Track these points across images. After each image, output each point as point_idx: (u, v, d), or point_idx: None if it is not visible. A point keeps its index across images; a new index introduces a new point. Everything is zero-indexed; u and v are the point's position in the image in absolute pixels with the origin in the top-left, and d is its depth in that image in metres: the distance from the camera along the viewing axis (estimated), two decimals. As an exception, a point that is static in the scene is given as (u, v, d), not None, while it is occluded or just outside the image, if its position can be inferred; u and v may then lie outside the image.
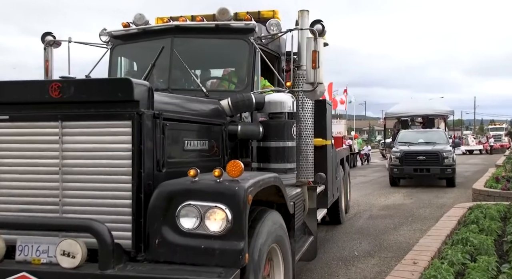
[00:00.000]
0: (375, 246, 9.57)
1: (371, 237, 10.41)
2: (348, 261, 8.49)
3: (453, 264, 6.01)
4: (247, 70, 6.30)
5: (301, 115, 7.04)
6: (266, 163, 5.92)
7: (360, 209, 14.33)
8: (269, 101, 5.91)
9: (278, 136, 5.88)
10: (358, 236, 10.52)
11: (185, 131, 5.04)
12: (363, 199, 16.45)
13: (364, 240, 10.11)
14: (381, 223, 11.95)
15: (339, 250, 9.30)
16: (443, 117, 29.20)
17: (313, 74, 5.99)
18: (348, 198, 13.19)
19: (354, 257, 8.74)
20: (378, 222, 12.17)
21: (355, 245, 9.72)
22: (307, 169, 7.08)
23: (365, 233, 10.80)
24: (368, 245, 9.65)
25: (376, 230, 11.18)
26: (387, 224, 11.84)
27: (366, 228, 11.46)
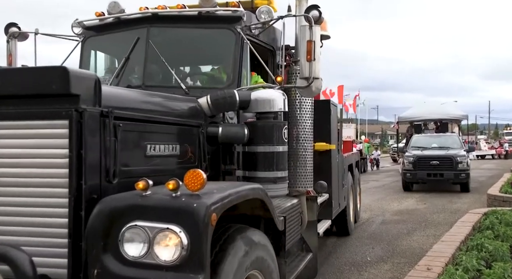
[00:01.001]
0: (388, 252, 9.10)
1: (384, 242, 9.91)
2: (361, 266, 8.07)
3: (467, 271, 5.79)
4: (233, 64, 5.21)
5: (298, 116, 5.96)
6: (252, 171, 4.83)
7: (373, 214, 13.64)
8: (255, 98, 4.83)
9: (265, 139, 4.80)
10: (371, 241, 10.01)
11: (148, 134, 3.99)
12: (375, 204, 15.67)
13: (376, 245, 9.60)
14: (394, 228, 11.38)
15: (351, 255, 8.83)
16: (457, 121, 27.87)
17: (308, 67, 4.91)
18: (357, 207, 11.94)
19: (367, 263, 8.31)
20: (391, 227, 11.60)
21: (368, 250, 9.22)
22: (305, 177, 5.99)
23: (378, 238, 10.28)
24: (381, 251, 9.19)
25: (389, 235, 10.63)
26: (400, 229, 11.25)
27: (378, 233, 10.90)
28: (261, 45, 5.73)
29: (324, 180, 7.15)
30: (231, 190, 3.57)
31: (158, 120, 4.10)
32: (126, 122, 3.68)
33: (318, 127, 7.27)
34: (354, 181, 11.09)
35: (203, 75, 5.77)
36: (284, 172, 4.93)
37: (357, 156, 12.24)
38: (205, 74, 5.77)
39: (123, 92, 4.14)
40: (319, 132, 7.36)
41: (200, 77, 5.73)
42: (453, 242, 7.39)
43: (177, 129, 4.34)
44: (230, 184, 3.95)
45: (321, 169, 7.48)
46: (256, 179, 4.78)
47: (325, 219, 7.67)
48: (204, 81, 5.65)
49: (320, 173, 7.25)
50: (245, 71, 5.31)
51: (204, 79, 5.67)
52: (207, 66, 5.86)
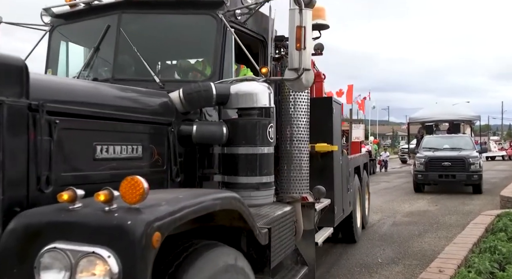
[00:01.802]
0: (399, 253, 8.70)
1: (395, 244, 9.48)
2: (372, 268, 7.73)
3: (480, 273, 5.63)
4: (214, 54, 4.40)
5: (292, 114, 5.16)
6: (232, 175, 4.02)
7: (384, 215, 13.06)
8: (236, 92, 4.02)
9: (247, 139, 3.98)
10: (382, 242, 9.57)
11: (97, 132, 3.19)
12: (386, 205, 14.97)
13: (388, 247, 9.19)
14: (405, 230, 10.88)
15: (362, 256, 8.45)
16: (469, 122, 26.76)
17: (298, 57, 4.10)
18: (366, 212, 10.92)
19: (378, 264, 7.96)
20: (402, 228, 11.10)
21: (379, 252, 8.83)
22: (300, 181, 5.18)
23: (389, 240, 9.82)
24: (392, 252, 8.79)
25: (400, 237, 10.16)
26: (412, 231, 10.75)
27: (390, 234, 10.42)
28: (250, 35, 4.92)
29: (326, 184, 6.38)
30: (188, 201, 2.77)
31: (112, 116, 3.31)
32: (65, 118, 2.91)
33: (319, 126, 6.49)
34: (361, 185, 10.15)
35: (181, 67, 4.96)
36: (269, 177, 4.10)
37: (366, 157, 11.27)
38: (183, 66, 4.96)
39: (61, 82, 3.35)
40: (320, 132, 6.57)
41: (178, 69, 4.93)
42: (466, 244, 7.14)
43: (139, 127, 3.54)
44: (192, 193, 3.14)
45: (323, 172, 6.68)
46: (236, 185, 3.98)
47: (326, 226, 6.80)
48: (181, 74, 4.85)
49: (321, 177, 6.49)
50: (229, 63, 4.51)
51: (182, 72, 4.87)
52: (186, 57, 5.03)
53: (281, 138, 5.22)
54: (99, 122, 3.20)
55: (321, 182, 6.30)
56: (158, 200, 2.58)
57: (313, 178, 6.24)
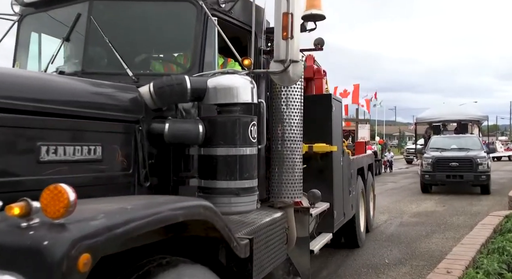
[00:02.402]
0: (407, 254, 8.39)
1: (402, 244, 9.14)
2: (379, 269, 7.46)
3: (488, 274, 5.48)
4: (194, 45, 3.85)
5: (284, 111, 4.61)
6: (209, 180, 3.46)
7: (391, 216, 12.60)
8: (214, 86, 3.46)
9: (225, 139, 3.42)
10: (389, 243, 9.22)
11: (43, 131, 2.65)
12: (393, 206, 14.44)
13: (395, 248, 8.87)
14: (413, 231, 10.50)
15: (369, 257, 8.15)
16: (476, 122, 25.96)
17: (284, 47, 3.56)
18: (370, 215, 10.18)
19: (385, 265, 7.68)
20: (409, 229, 10.71)
21: (386, 252, 8.51)
22: (293, 184, 4.63)
23: (396, 241, 9.46)
24: (399, 253, 8.48)
25: (407, 237, 9.79)
26: (419, 232, 10.37)
27: (397, 235, 10.03)
28: (236, 25, 4.37)
29: (325, 187, 5.84)
30: (137, 212, 2.23)
31: (62, 113, 2.78)
32: (0, 115, 2.39)
33: (317, 125, 5.94)
34: (366, 187, 9.44)
35: (157, 59, 4.41)
36: (252, 181, 3.53)
37: (370, 158, 10.51)
38: (162, 59, 4.41)
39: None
40: (318, 132, 6.03)
41: (154, 61, 4.38)
42: (474, 245, 6.91)
43: (99, 125, 2.99)
44: (147, 202, 2.59)
45: (321, 175, 6.12)
46: (214, 191, 3.43)
47: (325, 232, 6.22)
48: (156, 66, 4.31)
49: (319, 179, 5.95)
50: (212, 55, 3.97)
51: (157, 64, 4.33)
52: (164, 48, 4.47)
53: (272, 138, 4.68)
54: (45, 119, 2.66)
55: (320, 185, 5.77)
56: (95, 212, 2.04)
57: (311, 180, 5.73)
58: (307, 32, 5.01)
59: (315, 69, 7.19)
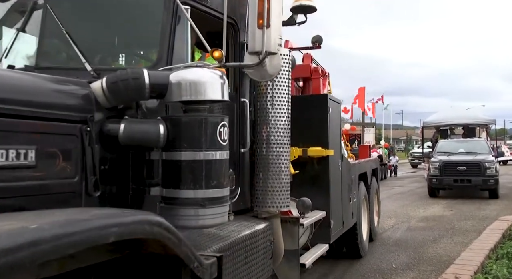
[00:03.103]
0: (414, 259, 8.08)
1: (409, 249, 8.78)
2: (386, 273, 7.20)
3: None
4: (162, 36, 3.28)
5: (269, 111, 4.02)
6: (171, 189, 2.88)
7: (398, 220, 12.14)
8: (177, 81, 2.86)
9: (189, 142, 2.83)
10: (396, 248, 8.87)
11: None
12: (401, 210, 13.90)
13: (402, 252, 8.53)
14: (420, 235, 10.08)
15: (376, 262, 7.85)
16: (484, 126, 25.06)
17: (260, 37, 2.99)
18: (374, 224, 9.35)
19: (392, 270, 7.40)
20: (416, 234, 10.29)
21: (393, 257, 8.19)
22: (280, 192, 4.03)
23: (403, 245, 9.10)
24: (407, 258, 8.18)
25: (414, 242, 9.41)
26: (426, 236, 9.96)
27: (404, 240, 9.66)
28: (215, 16, 3.80)
29: (321, 193, 5.27)
30: (44, 232, 1.66)
31: None
32: None
33: (313, 128, 5.37)
34: (369, 193, 8.69)
35: (122, 52, 3.83)
36: (221, 190, 2.93)
37: (375, 163, 9.72)
38: (125, 51, 3.82)
39: None
40: (313, 135, 5.46)
41: (117, 54, 3.79)
42: (482, 250, 6.80)
43: (31, 125, 2.43)
44: (69, 219, 2.00)
45: (317, 181, 5.54)
46: (176, 201, 2.85)
47: (321, 243, 5.58)
48: (118, 60, 3.73)
49: (315, 186, 5.38)
50: (183, 48, 3.39)
51: (120, 57, 3.75)
52: (129, 41, 3.86)
53: (256, 141, 4.09)
54: None
55: (315, 192, 5.21)
56: None
57: (306, 187, 5.18)
58: (297, 25, 4.45)
59: (313, 68, 6.60)
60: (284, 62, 4.00)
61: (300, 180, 5.51)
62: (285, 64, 4.02)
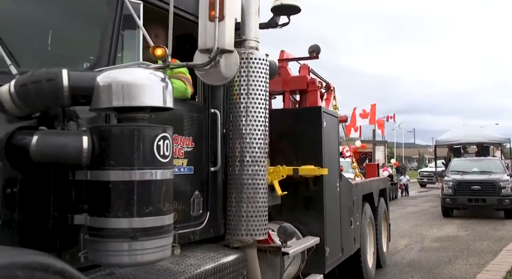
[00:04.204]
0: None
1: (423, 270, 8.21)
2: None
3: None
4: (103, 33, 2.62)
5: (243, 123, 3.31)
6: (95, 216, 2.17)
7: (412, 240, 11.40)
8: (106, 84, 2.17)
9: (117, 158, 2.14)
10: (410, 269, 8.31)
11: None
12: (414, 230, 13.09)
13: (416, 274, 7.99)
14: (434, 256, 9.43)
15: None
16: (498, 145, 23.91)
17: (212, 31, 2.31)
18: (382, 248, 8.07)
19: None
20: (430, 254, 9.61)
21: (407, 278, 7.72)
22: (256, 217, 3.29)
23: (417, 266, 8.51)
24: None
25: (429, 263, 8.78)
26: (441, 257, 9.33)
27: (418, 260, 9.03)
28: (176, 14, 3.11)
29: (314, 217, 4.54)
30: None
31: None
32: None
33: (305, 144, 4.67)
34: (376, 215, 7.59)
35: (58, 52, 3.14)
36: (161, 218, 2.20)
37: (383, 182, 8.62)
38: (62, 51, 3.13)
39: None
40: (305, 151, 4.74)
41: (53, 55, 3.11)
42: (499, 272, 6.57)
43: None
44: None
45: (310, 203, 4.78)
46: (103, 232, 2.14)
47: (315, 273, 4.72)
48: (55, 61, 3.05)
49: (308, 209, 4.65)
50: (133, 49, 2.72)
51: (52, 57, 3.06)
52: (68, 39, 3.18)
53: (229, 159, 3.38)
54: None
55: (308, 216, 4.53)
56: None
57: (298, 211, 4.52)
58: (279, 27, 3.77)
59: (309, 79, 5.87)
60: (260, 68, 3.31)
61: (292, 202, 4.76)
62: (262, 71, 3.33)
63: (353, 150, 16.66)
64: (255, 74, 3.29)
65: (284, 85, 5.77)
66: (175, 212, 2.76)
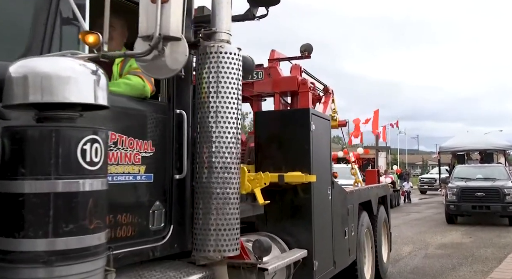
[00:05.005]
0: None
1: (427, 277, 7.99)
2: None
3: None
4: (35, 20, 2.17)
5: (213, 128, 2.83)
6: (3, 237, 1.71)
7: (415, 247, 11.01)
8: (21, 76, 1.73)
9: (30, 165, 1.69)
10: (413, 276, 8.08)
11: None
12: (418, 237, 12.64)
13: None
14: (438, 263, 9.11)
15: None
16: (502, 151, 23.16)
17: (154, 15, 1.86)
18: (382, 259, 7.33)
19: None
20: (434, 261, 9.31)
21: None
22: (226, 230, 2.80)
23: (421, 273, 8.25)
24: None
25: (433, 270, 8.48)
26: (445, 264, 9.00)
27: (421, 267, 8.72)
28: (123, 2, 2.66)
29: (302, 228, 4.05)
30: None
31: None
32: None
33: (291, 149, 4.19)
34: (375, 224, 6.91)
35: None
36: (86, 238, 1.75)
37: (383, 189, 7.93)
38: None
39: None
40: (292, 157, 4.25)
41: None
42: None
43: None
44: None
45: (298, 212, 4.28)
46: (12, 256, 1.69)
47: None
48: None
49: (295, 218, 4.15)
50: (72, 36, 2.27)
51: None
52: None
53: (196, 165, 2.91)
54: None
55: (295, 226, 4.04)
56: None
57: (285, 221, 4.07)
58: (257, 19, 3.33)
59: (300, 80, 5.39)
60: (232, 64, 2.85)
61: (278, 212, 4.28)
62: (233, 66, 2.86)
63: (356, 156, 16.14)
64: (226, 70, 2.83)
65: (274, 86, 5.31)
66: (125, 226, 2.32)
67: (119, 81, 2.58)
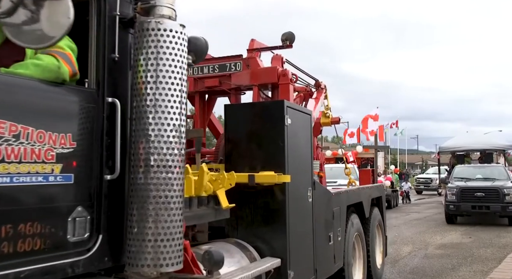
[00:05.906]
0: None
1: (427, 277, 7.79)
2: None
3: None
4: None
5: (149, 119, 2.27)
6: None
7: (415, 247, 10.68)
8: None
9: None
10: (413, 276, 7.87)
11: None
12: (417, 237, 12.25)
13: None
14: (438, 263, 8.86)
15: None
16: (502, 151, 22.39)
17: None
18: (376, 265, 6.65)
19: None
20: (434, 261, 9.05)
21: None
22: (165, 242, 2.23)
23: (421, 273, 8.03)
24: None
25: (432, 270, 8.25)
26: (444, 264, 8.75)
27: (421, 267, 8.48)
28: None
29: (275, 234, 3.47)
30: None
31: None
32: None
33: (263, 146, 3.62)
34: (367, 228, 6.28)
35: None
36: None
37: (378, 190, 7.24)
38: None
39: None
40: (264, 155, 3.68)
41: None
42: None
43: None
44: None
45: (270, 217, 3.69)
46: None
47: None
48: None
49: (268, 223, 3.58)
50: None
51: None
52: None
53: (129, 164, 2.35)
54: None
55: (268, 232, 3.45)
56: None
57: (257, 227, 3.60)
58: None
59: (280, 71, 4.80)
60: (173, 43, 2.29)
61: (250, 216, 3.71)
62: (176, 47, 2.30)
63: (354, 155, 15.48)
64: (166, 51, 2.27)
65: (252, 78, 4.74)
66: (30, 238, 1.80)
67: (27, 61, 2.04)
